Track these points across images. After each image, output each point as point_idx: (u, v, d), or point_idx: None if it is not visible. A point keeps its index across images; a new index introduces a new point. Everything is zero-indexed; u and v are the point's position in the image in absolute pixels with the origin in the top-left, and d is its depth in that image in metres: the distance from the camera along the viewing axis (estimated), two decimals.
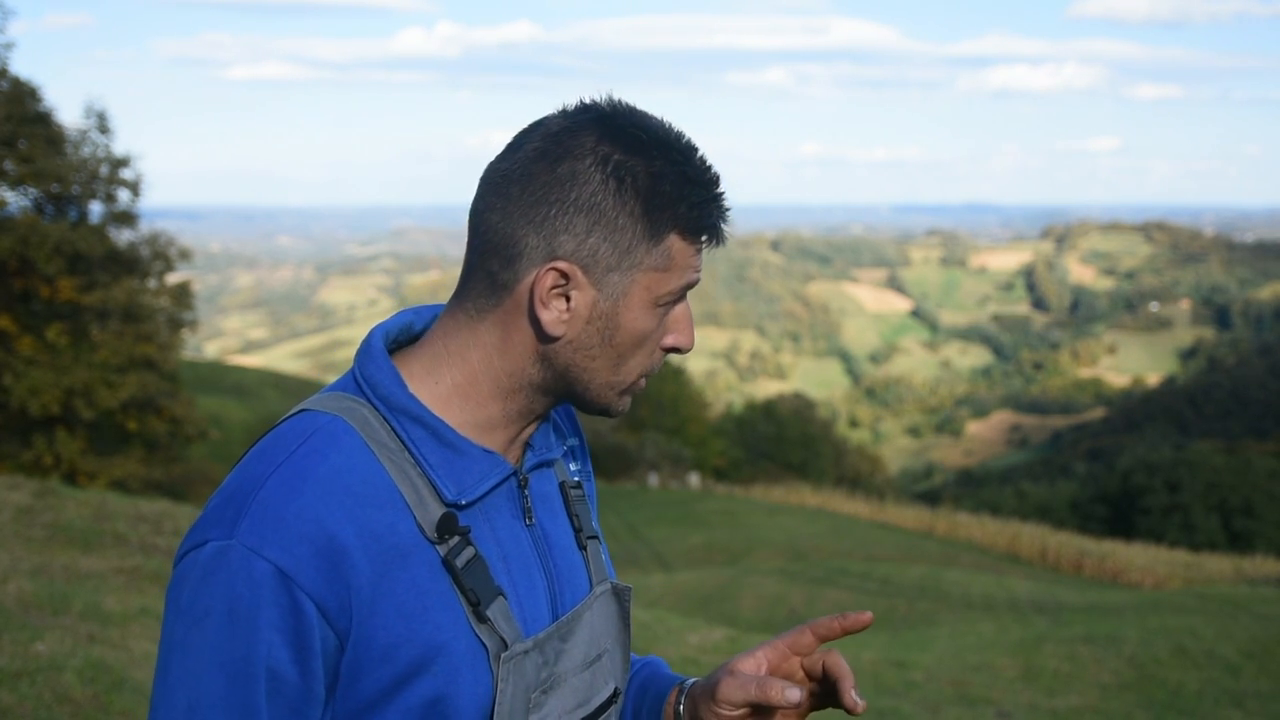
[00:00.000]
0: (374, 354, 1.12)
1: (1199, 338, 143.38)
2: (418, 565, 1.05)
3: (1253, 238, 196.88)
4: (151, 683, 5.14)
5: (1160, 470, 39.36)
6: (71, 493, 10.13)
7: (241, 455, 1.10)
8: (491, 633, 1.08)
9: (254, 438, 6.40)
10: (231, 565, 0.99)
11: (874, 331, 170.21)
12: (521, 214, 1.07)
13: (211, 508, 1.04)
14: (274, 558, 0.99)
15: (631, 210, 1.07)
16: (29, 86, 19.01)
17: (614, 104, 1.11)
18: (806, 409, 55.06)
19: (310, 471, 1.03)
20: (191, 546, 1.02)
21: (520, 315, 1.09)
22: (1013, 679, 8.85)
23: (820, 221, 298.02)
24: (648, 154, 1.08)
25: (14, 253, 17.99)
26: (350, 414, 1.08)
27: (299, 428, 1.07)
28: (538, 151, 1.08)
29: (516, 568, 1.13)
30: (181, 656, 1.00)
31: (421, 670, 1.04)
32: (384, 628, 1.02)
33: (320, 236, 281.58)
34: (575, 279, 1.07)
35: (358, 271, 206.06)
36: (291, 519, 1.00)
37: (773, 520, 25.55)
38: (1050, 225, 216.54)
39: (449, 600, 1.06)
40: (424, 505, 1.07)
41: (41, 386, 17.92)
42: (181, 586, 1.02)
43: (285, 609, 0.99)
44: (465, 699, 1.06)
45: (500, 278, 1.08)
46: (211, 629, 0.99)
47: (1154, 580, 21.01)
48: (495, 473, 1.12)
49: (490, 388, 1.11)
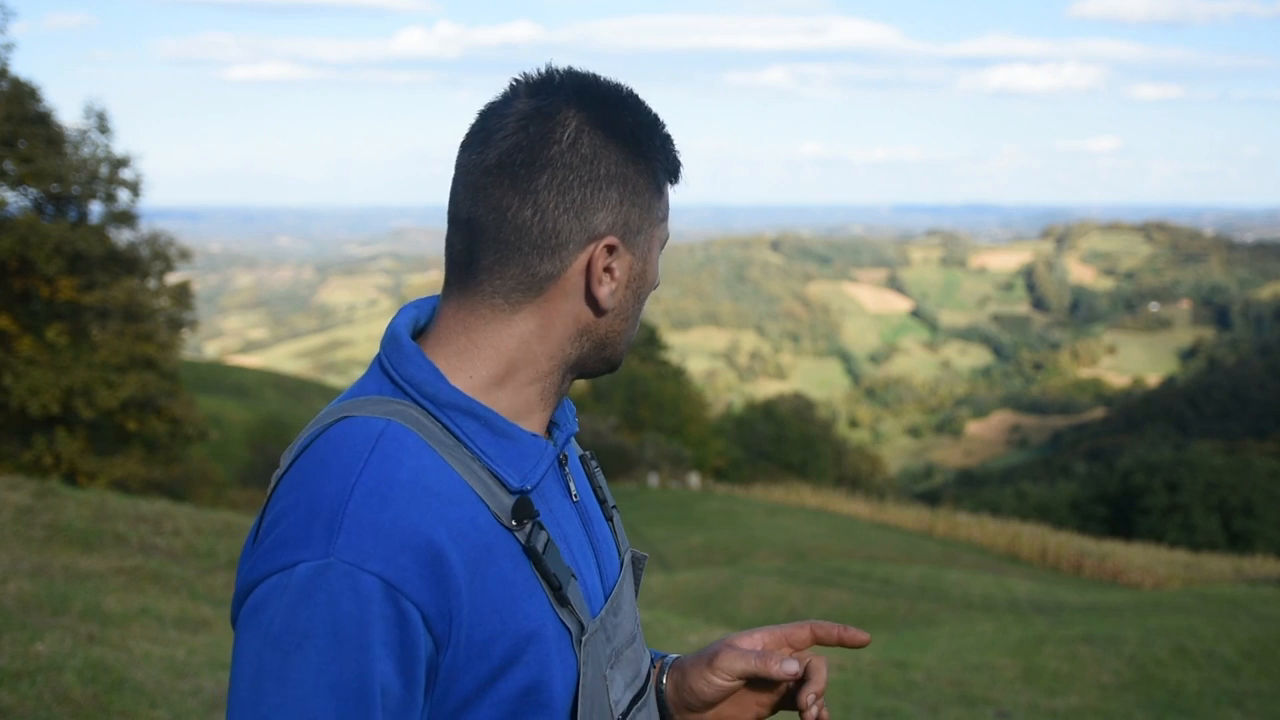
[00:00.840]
0: (410, 353, 1.11)
1: (1199, 338, 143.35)
2: (502, 557, 1.05)
3: (1253, 238, 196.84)
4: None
5: (1160, 470, 39.35)
6: (71, 493, 10.13)
7: (286, 469, 1.07)
8: (572, 615, 1.09)
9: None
10: (333, 584, 0.96)
11: (874, 331, 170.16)
12: (556, 203, 1.08)
13: (289, 526, 1.00)
14: (379, 570, 0.97)
15: (643, 170, 1.12)
16: (29, 86, 19.01)
17: (571, 72, 1.13)
18: (806, 409, 55.05)
19: (393, 477, 1.01)
20: (274, 569, 0.98)
21: (566, 299, 1.10)
22: (1013, 679, 8.85)
23: (820, 221, 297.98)
24: (634, 115, 1.12)
25: (14, 253, 17.99)
26: (402, 416, 1.06)
27: (360, 434, 1.04)
28: (540, 138, 1.08)
29: (575, 546, 1.15)
30: (280, 685, 0.96)
31: (515, 660, 1.04)
32: (480, 625, 1.02)
33: (320, 236, 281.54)
34: (619, 250, 1.11)
35: (358, 272, 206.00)
36: (389, 528, 0.98)
37: (773, 520, 25.55)
38: (1050, 225, 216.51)
39: (532, 587, 1.06)
40: (494, 496, 1.07)
41: (41, 386, 17.91)
42: (266, 612, 0.98)
43: (392, 622, 0.97)
44: (558, 683, 1.06)
45: (542, 270, 1.09)
46: (315, 652, 0.96)
47: (1154, 580, 21.01)
48: (547, 455, 1.13)
49: (529, 373, 1.12)
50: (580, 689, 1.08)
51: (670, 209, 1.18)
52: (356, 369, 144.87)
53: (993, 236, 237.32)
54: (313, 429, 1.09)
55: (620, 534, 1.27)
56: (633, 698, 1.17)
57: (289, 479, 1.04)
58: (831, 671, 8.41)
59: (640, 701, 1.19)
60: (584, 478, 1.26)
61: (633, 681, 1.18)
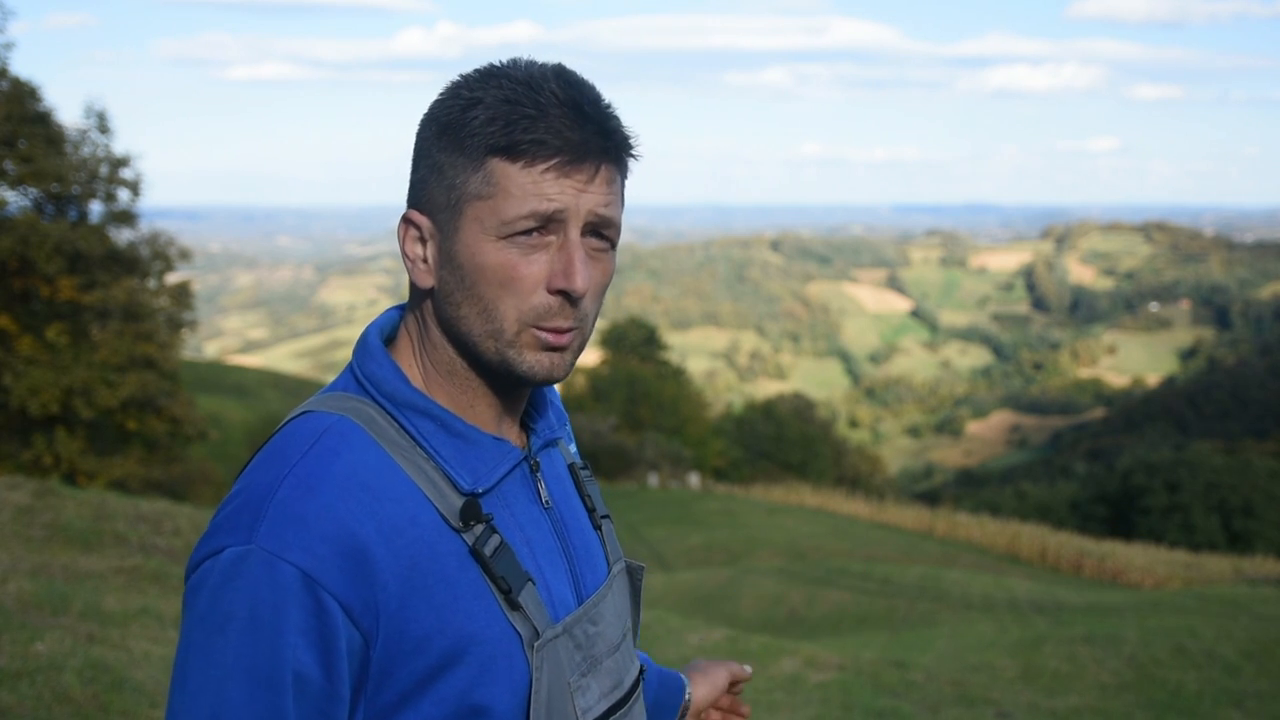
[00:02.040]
0: (373, 351, 1.12)
1: (1199, 338, 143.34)
2: (445, 556, 1.04)
3: (1253, 238, 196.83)
4: (166, 688, 5.13)
5: (1160, 470, 39.34)
6: (71, 493, 10.13)
7: (247, 460, 1.09)
8: (524, 620, 1.07)
9: (257, 440, 6.43)
10: (253, 570, 0.98)
11: (874, 332, 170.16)
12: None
13: (225, 514, 1.02)
14: (297, 560, 0.98)
15: (447, 146, 1.07)
16: (29, 86, 19.00)
17: (489, 64, 1.11)
18: (806, 409, 55.03)
19: (325, 471, 1.02)
20: (208, 554, 1.01)
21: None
22: (1012, 679, 8.85)
23: (820, 222, 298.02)
24: (455, 90, 1.09)
25: (14, 252, 17.99)
26: (356, 413, 1.08)
27: (307, 428, 1.06)
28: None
29: (541, 552, 1.13)
30: (203, 664, 0.98)
31: (455, 661, 1.03)
32: (414, 620, 1.01)
33: (320, 236, 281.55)
34: (423, 226, 1.10)
35: (358, 271, 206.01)
36: (311, 520, 0.99)
37: (773, 520, 25.55)
38: (1050, 225, 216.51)
39: (479, 589, 1.05)
40: (443, 497, 1.06)
41: (41, 386, 17.91)
42: (198, 594, 1.00)
43: (310, 611, 0.98)
44: (501, 687, 1.05)
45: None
46: (234, 635, 0.97)
47: (1154, 580, 21.01)
48: (507, 459, 1.12)
49: (447, 363, 1.12)
50: (532, 694, 1.06)
51: (521, 191, 1.05)
52: None
53: (993, 236, 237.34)
54: (279, 425, 1.11)
55: (610, 544, 1.25)
56: (609, 707, 1.15)
57: (243, 471, 1.07)
58: (831, 671, 8.41)
59: (620, 712, 1.17)
60: (568, 485, 1.24)
61: (611, 691, 1.16)
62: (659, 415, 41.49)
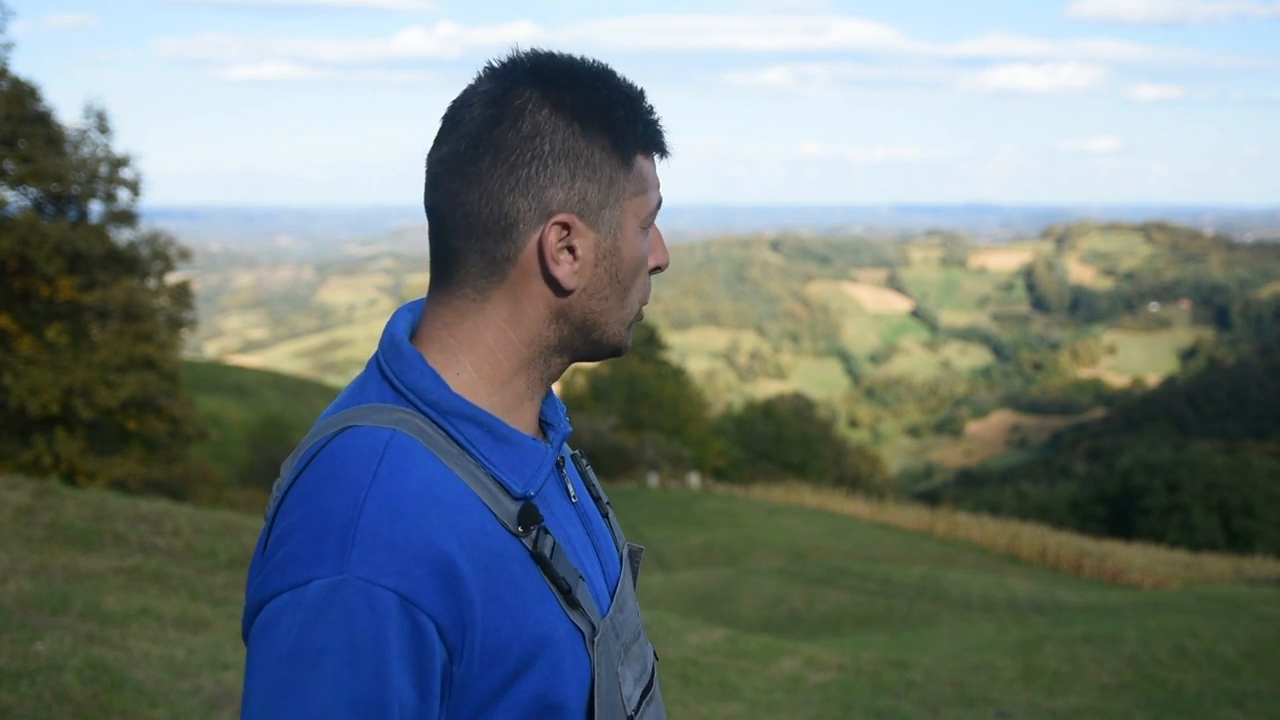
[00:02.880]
0: (412, 360, 1.09)
1: (1199, 338, 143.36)
2: (511, 562, 1.04)
3: (1253, 238, 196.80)
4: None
5: (1160, 470, 39.33)
6: (71, 492, 10.13)
7: (292, 481, 1.05)
8: (583, 617, 1.09)
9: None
10: (349, 600, 0.95)
11: (874, 331, 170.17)
12: (501, 184, 1.07)
13: (300, 542, 0.98)
14: (395, 585, 0.96)
15: (601, 144, 1.09)
16: (29, 86, 18.99)
17: (532, 53, 1.12)
18: (806, 409, 55.03)
19: (402, 490, 1.00)
20: (287, 586, 0.97)
21: (529, 281, 1.09)
22: (1012, 679, 8.84)
23: (820, 221, 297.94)
24: (589, 88, 1.09)
25: (14, 252, 17.98)
26: (406, 425, 1.05)
27: (365, 445, 1.03)
28: (488, 119, 1.08)
29: (579, 548, 1.15)
30: (297, 703, 0.94)
31: (529, 665, 1.04)
32: (494, 632, 1.02)
33: (320, 236, 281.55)
34: (575, 227, 1.09)
35: (358, 271, 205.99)
36: (401, 542, 0.97)
37: (773, 520, 25.55)
38: (1050, 225, 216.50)
39: (542, 592, 1.06)
40: (499, 502, 1.06)
41: (41, 386, 17.90)
42: (278, 629, 0.96)
43: (408, 636, 0.96)
44: (571, 686, 1.07)
45: (499, 253, 1.08)
46: (332, 669, 0.95)
47: (1154, 580, 21.00)
48: (547, 460, 1.12)
49: (511, 363, 1.11)
50: (595, 689, 1.08)
51: (656, 183, 1.15)
52: (356, 369, 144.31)
53: (993, 236, 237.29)
54: (316, 439, 1.07)
55: (616, 530, 1.28)
56: (641, 692, 1.17)
57: (296, 492, 1.03)
58: (831, 671, 8.41)
59: (648, 696, 1.19)
60: (578, 477, 1.25)
61: (641, 676, 1.18)
62: (659, 415, 41.49)
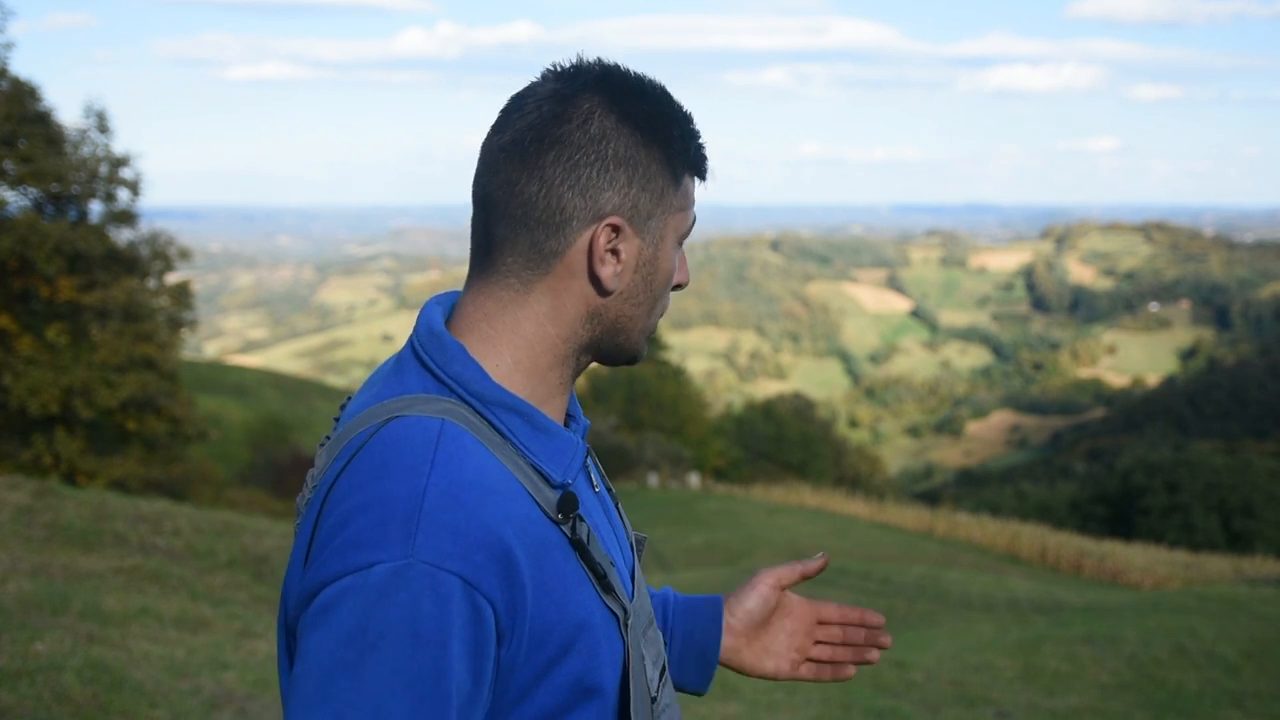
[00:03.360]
0: (455, 351, 1.12)
1: (1199, 338, 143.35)
2: (554, 549, 1.07)
3: (1253, 238, 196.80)
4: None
5: (1160, 470, 39.33)
6: (71, 492, 10.13)
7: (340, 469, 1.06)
8: (616, 601, 1.13)
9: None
10: (414, 584, 0.97)
11: (874, 331, 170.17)
12: (562, 180, 1.10)
13: (362, 528, 1.00)
14: (459, 570, 0.98)
15: (658, 157, 1.13)
16: (29, 86, 18.99)
17: (599, 62, 1.16)
18: (806, 409, 55.02)
19: (460, 477, 1.02)
20: (350, 570, 0.99)
21: (572, 278, 1.12)
22: (1012, 679, 8.84)
23: (820, 221, 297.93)
24: (653, 104, 1.14)
25: (14, 252, 17.99)
26: (453, 415, 1.08)
27: (420, 434, 1.05)
28: (555, 116, 1.11)
29: (605, 535, 1.19)
30: (354, 682, 0.96)
31: (569, 649, 1.07)
32: (540, 616, 1.04)
33: (320, 236, 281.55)
34: (624, 232, 1.13)
35: (357, 271, 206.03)
36: (464, 527, 1.00)
37: (773, 520, 25.54)
38: (1050, 225, 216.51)
39: (580, 578, 1.09)
40: (540, 491, 1.09)
41: (41, 386, 17.90)
42: (340, 611, 0.98)
43: (468, 620, 0.99)
44: (606, 668, 1.10)
45: (547, 246, 1.11)
46: (393, 651, 0.97)
47: (1154, 580, 20.99)
48: (580, 450, 1.15)
49: (547, 358, 1.15)
50: (630, 670, 1.12)
51: (694, 203, 1.20)
52: (356, 368, 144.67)
53: (992, 236, 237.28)
54: (361, 428, 1.09)
55: (625, 519, 1.31)
56: (659, 673, 1.21)
57: (348, 480, 1.04)
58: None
59: (664, 678, 1.23)
60: (595, 469, 1.29)
61: (657, 659, 1.21)
62: (659, 415, 41.49)
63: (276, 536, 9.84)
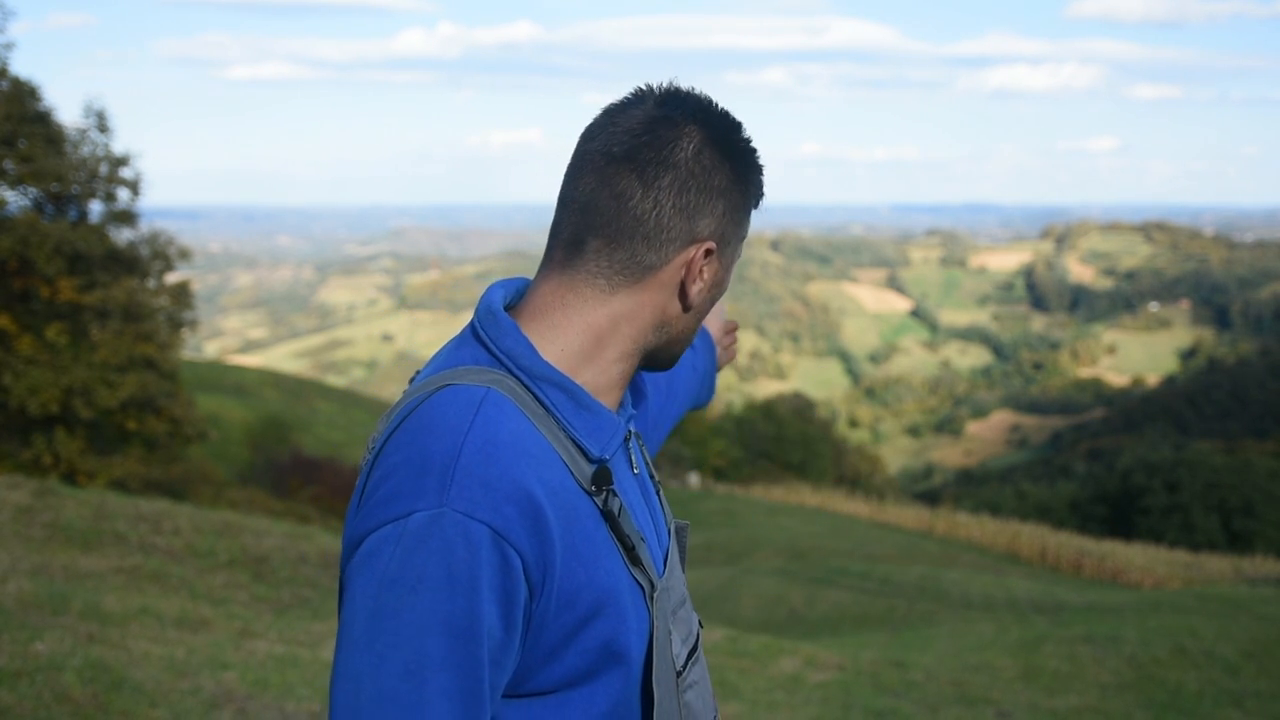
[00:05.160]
0: (508, 328, 1.20)
1: (1199, 338, 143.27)
2: (585, 516, 1.15)
3: (1253, 238, 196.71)
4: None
5: (1160, 470, 39.31)
6: (71, 492, 10.13)
7: (391, 430, 1.14)
8: (644, 573, 1.20)
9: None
10: (447, 531, 1.05)
11: (874, 331, 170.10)
12: (672, 202, 1.19)
13: (402, 480, 1.08)
14: (488, 519, 1.06)
15: (743, 192, 1.25)
16: (29, 86, 18.97)
17: (694, 95, 1.25)
18: (806, 409, 55.02)
19: (496, 437, 1.10)
20: (390, 518, 1.07)
21: (661, 290, 1.22)
22: (1012, 679, 8.84)
23: (820, 221, 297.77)
24: (745, 143, 1.26)
25: (14, 252, 17.97)
26: (500, 385, 1.16)
27: (464, 399, 1.13)
28: (669, 143, 1.20)
29: (639, 514, 1.26)
30: (393, 623, 1.04)
31: (598, 612, 1.13)
32: (569, 576, 1.11)
33: (320, 236, 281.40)
34: (714, 255, 1.24)
35: (357, 271, 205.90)
36: (495, 482, 1.07)
37: (773, 520, 25.54)
38: (1050, 225, 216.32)
39: (609, 548, 1.16)
40: (576, 462, 1.17)
41: (41, 386, 17.89)
42: (382, 557, 1.06)
43: (497, 567, 1.06)
44: (633, 635, 1.17)
45: (646, 259, 1.20)
46: (429, 593, 1.04)
47: (1154, 580, 20.99)
48: (620, 430, 1.23)
49: (615, 352, 1.23)
50: (655, 639, 1.19)
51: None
52: (356, 368, 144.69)
53: (992, 236, 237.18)
54: (414, 395, 1.17)
55: (665, 506, 1.38)
56: (688, 653, 1.27)
57: (395, 440, 1.12)
58: (831, 671, 8.40)
59: (694, 657, 1.29)
60: (639, 454, 1.36)
61: (687, 639, 1.28)
62: None
63: (276, 536, 9.84)
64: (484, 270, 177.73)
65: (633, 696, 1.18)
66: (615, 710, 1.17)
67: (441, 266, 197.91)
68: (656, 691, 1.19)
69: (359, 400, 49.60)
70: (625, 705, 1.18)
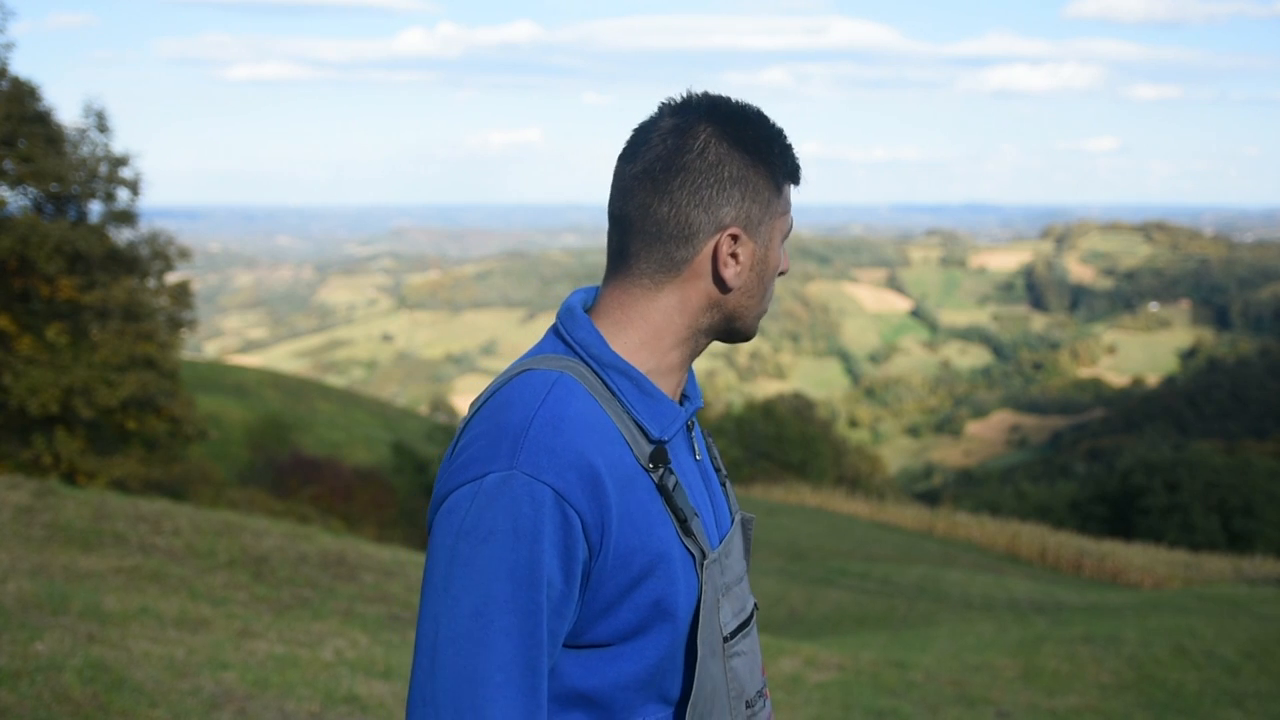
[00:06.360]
0: (581, 322, 1.37)
1: (1199, 338, 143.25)
2: (641, 489, 1.30)
3: (1253, 238, 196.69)
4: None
5: (1160, 470, 39.29)
6: (71, 492, 10.13)
7: (477, 409, 1.32)
8: (695, 544, 1.34)
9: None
10: (515, 490, 1.22)
11: (874, 331, 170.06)
12: (688, 201, 1.34)
13: (480, 448, 1.25)
14: (551, 481, 1.22)
15: (763, 173, 1.38)
16: (29, 86, 18.97)
17: (705, 95, 1.39)
18: (806, 409, 55.00)
19: (564, 412, 1.26)
20: (469, 479, 1.24)
21: (698, 279, 1.37)
22: (1012, 679, 8.84)
23: (820, 221, 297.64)
24: (755, 128, 1.38)
25: (14, 252, 17.97)
26: (572, 370, 1.32)
27: (539, 380, 1.30)
28: (677, 148, 1.35)
29: (695, 494, 1.40)
30: (466, 570, 1.21)
31: (650, 573, 1.28)
32: (624, 539, 1.26)
33: (320, 236, 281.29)
34: (742, 238, 1.37)
35: (357, 271, 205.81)
36: (560, 450, 1.23)
37: (773, 520, 25.54)
38: (1050, 225, 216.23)
39: (664, 518, 1.31)
40: (637, 442, 1.32)
41: (41, 386, 17.89)
42: (459, 512, 1.23)
43: (559, 525, 1.22)
44: (682, 596, 1.31)
45: (678, 255, 1.36)
46: (498, 544, 1.21)
47: (1154, 580, 21.00)
48: (680, 417, 1.38)
49: (670, 340, 1.39)
50: (702, 601, 1.32)
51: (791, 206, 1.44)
52: (356, 368, 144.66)
53: (992, 236, 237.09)
54: (499, 380, 1.34)
55: (732, 498, 1.52)
56: (738, 625, 1.40)
57: (480, 415, 1.30)
58: (831, 671, 8.40)
59: (744, 630, 1.42)
60: (704, 446, 1.51)
61: (739, 613, 1.41)
62: None
63: (276, 536, 9.83)
64: (484, 270, 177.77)
65: (678, 652, 1.32)
66: (662, 663, 1.30)
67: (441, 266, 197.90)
68: (701, 649, 1.32)
69: (359, 400, 49.65)
70: (671, 660, 1.31)
